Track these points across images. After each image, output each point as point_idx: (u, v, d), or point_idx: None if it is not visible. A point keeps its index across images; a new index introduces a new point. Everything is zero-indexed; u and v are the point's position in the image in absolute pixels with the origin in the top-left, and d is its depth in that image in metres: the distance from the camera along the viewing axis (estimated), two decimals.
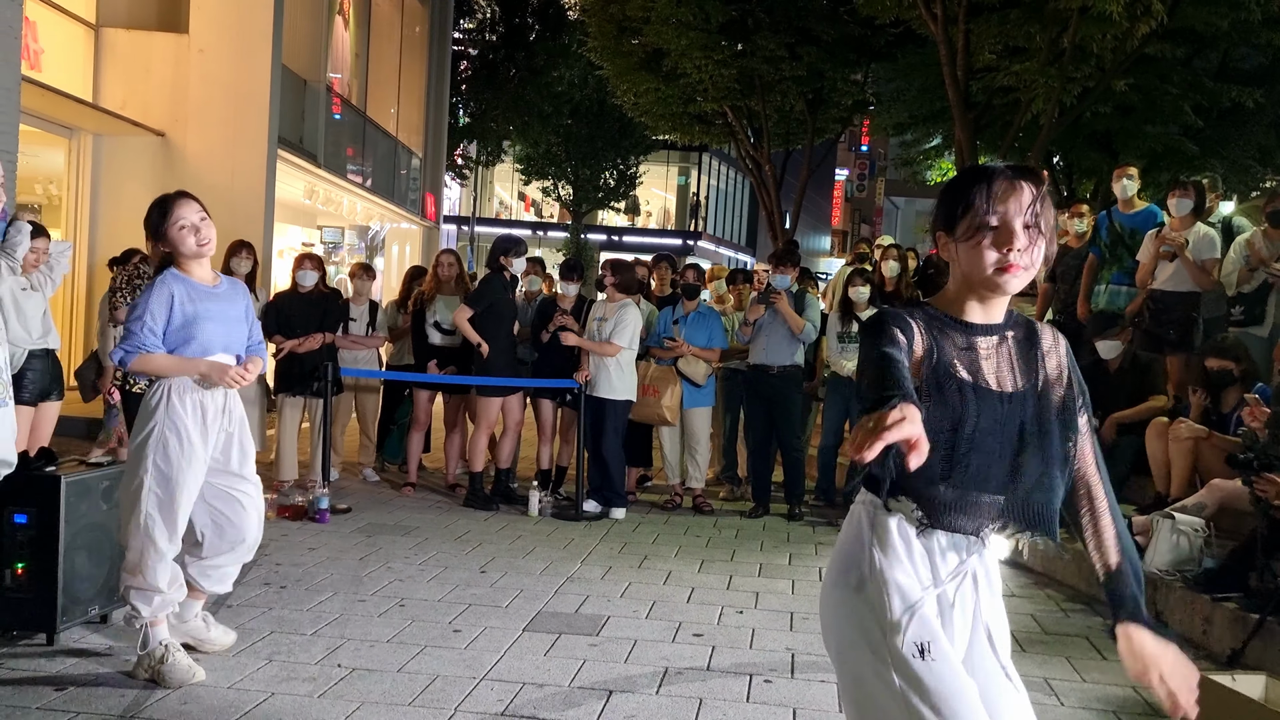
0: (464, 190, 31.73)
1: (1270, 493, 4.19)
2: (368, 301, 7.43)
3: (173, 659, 3.39)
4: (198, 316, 3.46)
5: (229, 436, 3.58)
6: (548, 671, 3.72)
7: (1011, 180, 1.80)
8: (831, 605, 1.87)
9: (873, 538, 1.82)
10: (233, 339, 3.57)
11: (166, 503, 3.40)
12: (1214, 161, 13.40)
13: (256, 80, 10.39)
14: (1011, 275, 1.79)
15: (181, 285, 3.48)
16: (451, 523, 6.15)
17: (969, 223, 1.80)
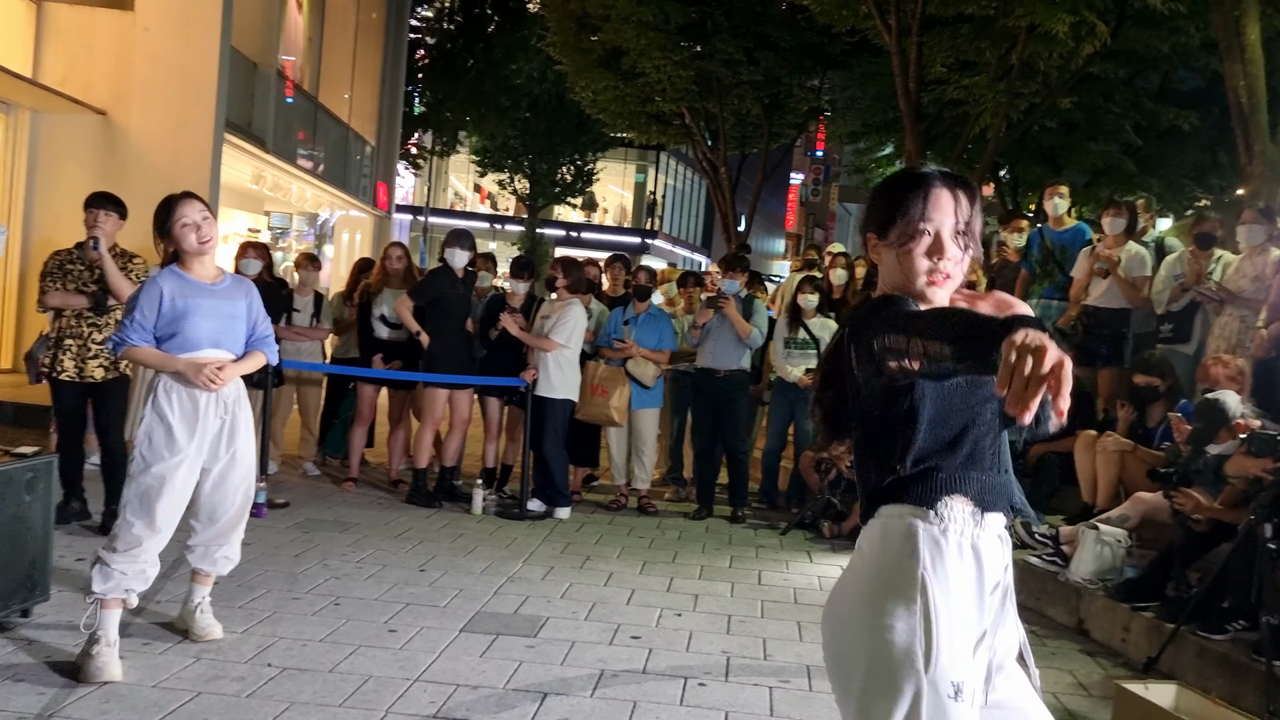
0: (418, 180, 31.44)
1: (1187, 506, 4.34)
2: (313, 292, 7.34)
3: (98, 652, 3.38)
4: (187, 312, 3.58)
5: (222, 422, 3.68)
6: (483, 673, 3.73)
7: (946, 189, 1.79)
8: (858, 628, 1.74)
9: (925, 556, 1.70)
10: (225, 335, 3.67)
11: (146, 492, 3.50)
12: (1151, 180, 13.79)
13: (204, 61, 10.19)
14: (939, 287, 1.79)
15: (174, 281, 3.62)
16: (392, 520, 6.12)
17: (902, 229, 1.79)
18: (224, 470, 3.71)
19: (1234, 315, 5.64)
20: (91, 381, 5.19)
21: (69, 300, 5.18)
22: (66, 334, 5.21)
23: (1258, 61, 7.76)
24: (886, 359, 1.63)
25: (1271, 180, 7.58)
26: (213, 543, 3.78)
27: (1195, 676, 3.94)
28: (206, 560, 3.81)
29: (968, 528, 1.75)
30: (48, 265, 5.22)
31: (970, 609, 1.72)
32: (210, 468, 3.68)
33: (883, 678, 1.68)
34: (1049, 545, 5.15)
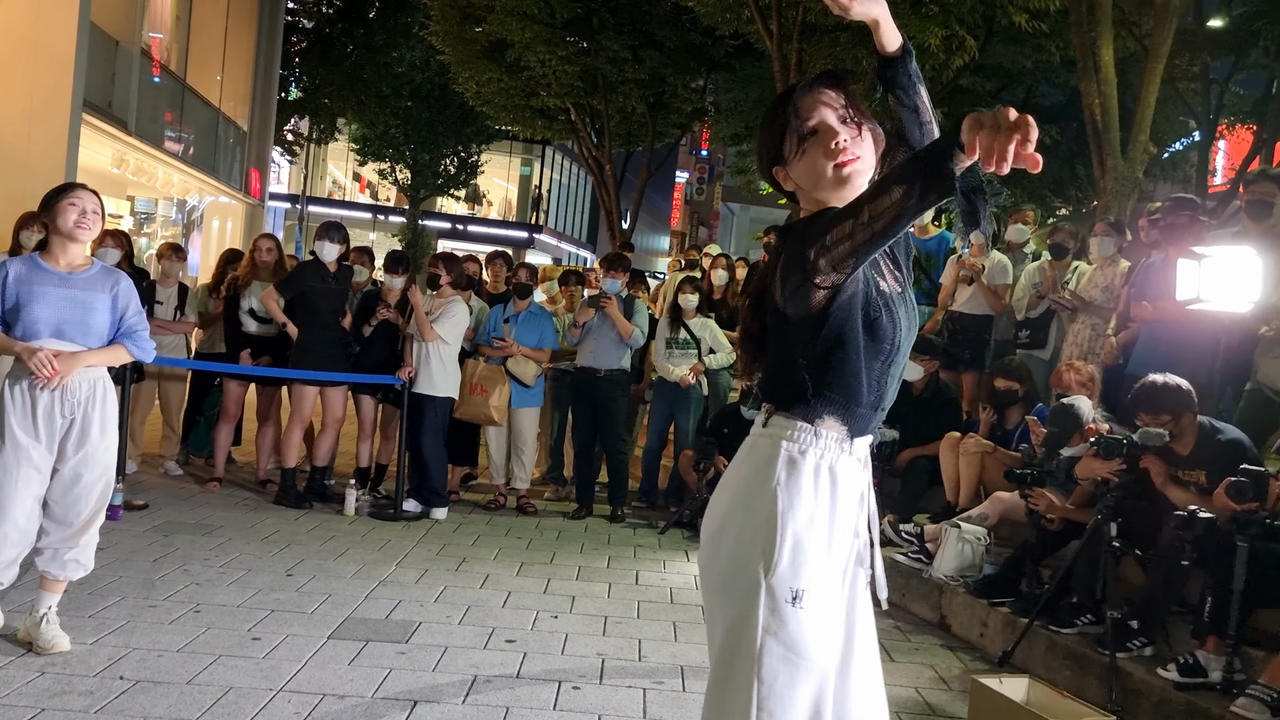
0: (294, 168, 30.43)
1: (1040, 505, 4.56)
2: (177, 284, 7.02)
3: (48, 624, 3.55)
4: (30, 298, 3.53)
5: (71, 421, 3.59)
6: (350, 682, 3.63)
7: (812, 88, 1.87)
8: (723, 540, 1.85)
9: (782, 475, 1.81)
10: (71, 326, 3.57)
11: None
12: (1014, 190, 14.47)
13: (60, 36, 9.61)
14: (851, 165, 1.82)
15: (22, 267, 3.57)
16: (259, 521, 5.90)
17: (791, 142, 1.85)
18: (75, 470, 3.60)
19: (1086, 323, 5.97)
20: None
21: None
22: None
23: (1111, 81, 8.22)
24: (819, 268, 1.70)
25: (1122, 195, 8.06)
26: (62, 545, 3.64)
27: (1046, 669, 4.16)
28: (55, 563, 3.65)
29: (828, 452, 1.84)
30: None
31: (822, 524, 1.81)
32: (60, 467, 3.58)
33: (730, 581, 1.80)
34: (914, 543, 5.34)
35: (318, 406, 6.59)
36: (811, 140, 1.83)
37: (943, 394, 6.20)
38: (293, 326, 6.29)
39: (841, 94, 1.86)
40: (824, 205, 1.83)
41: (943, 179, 1.53)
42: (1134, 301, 5.38)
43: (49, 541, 3.64)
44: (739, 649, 1.79)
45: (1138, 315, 5.35)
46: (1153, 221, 5.59)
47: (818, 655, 1.79)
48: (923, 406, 6.10)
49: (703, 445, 6.80)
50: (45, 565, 3.65)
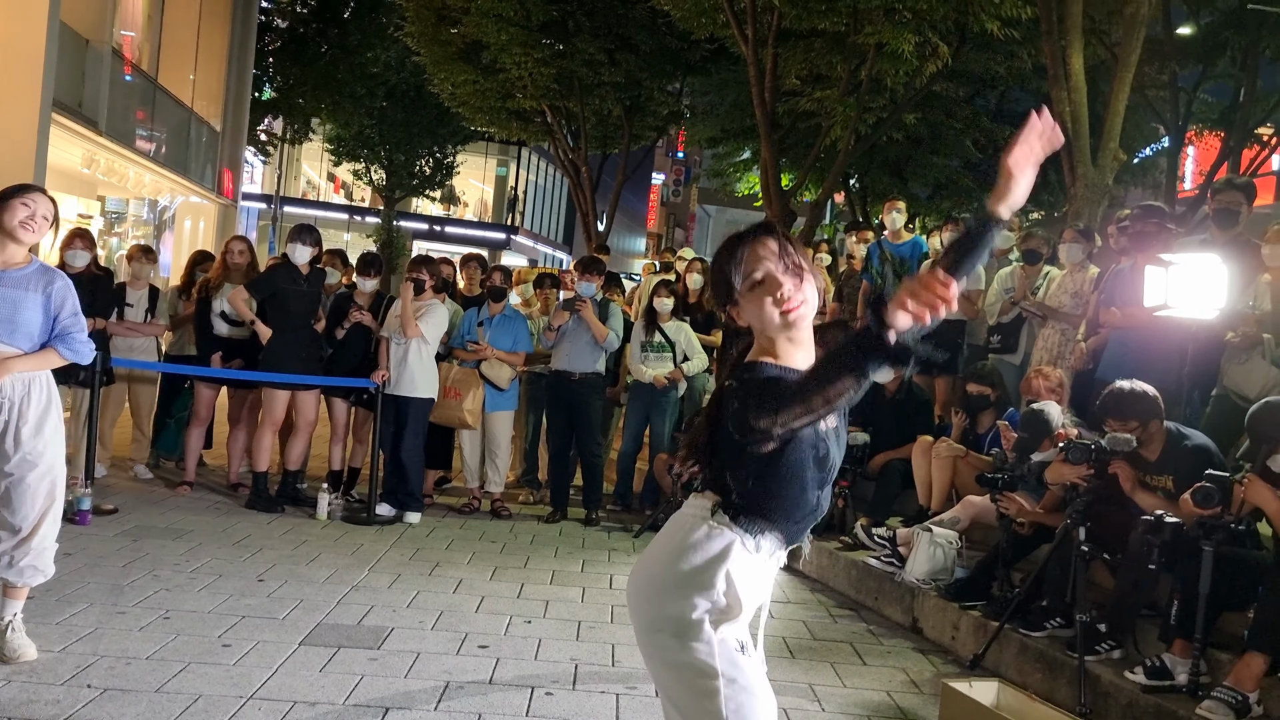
0: (268, 168, 30.18)
1: (1011, 509, 4.61)
2: (147, 286, 6.95)
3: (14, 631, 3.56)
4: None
5: (5, 423, 3.53)
6: (322, 689, 3.61)
7: (756, 238, 2.06)
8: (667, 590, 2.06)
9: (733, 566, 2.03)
10: (12, 322, 3.49)
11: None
12: (988, 194, 14.60)
13: (28, 35, 9.49)
14: (795, 312, 2.02)
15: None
16: (230, 526, 5.85)
17: (742, 288, 2.06)
18: (15, 473, 3.54)
19: (1056, 329, 6.03)
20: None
21: None
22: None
23: (1081, 89, 8.31)
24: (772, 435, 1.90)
25: (1092, 201, 8.15)
26: (15, 552, 3.57)
27: (1017, 672, 4.20)
28: (12, 571, 3.59)
29: (770, 554, 2.10)
30: None
31: (752, 598, 2.09)
32: (16, 472, 3.54)
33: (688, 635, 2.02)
34: (886, 547, 5.38)
35: (290, 410, 6.54)
36: (759, 288, 2.03)
37: (915, 396, 6.24)
38: (262, 326, 6.24)
39: (779, 243, 2.05)
40: (774, 343, 2.04)
41: (888, 358, 1.77)
42: (1103, 308, 5.44)
43: (3, 548, 3.57)
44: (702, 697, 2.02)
45: (1106, 321, 5.41)
46: (1121, 229, 5.66)
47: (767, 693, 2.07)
48: (895, 409, 6.15)
49: (678, 448, 6.82)
50: (3, 572, 3.59)
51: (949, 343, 6.68)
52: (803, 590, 5.64)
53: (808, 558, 5.91)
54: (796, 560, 5.93)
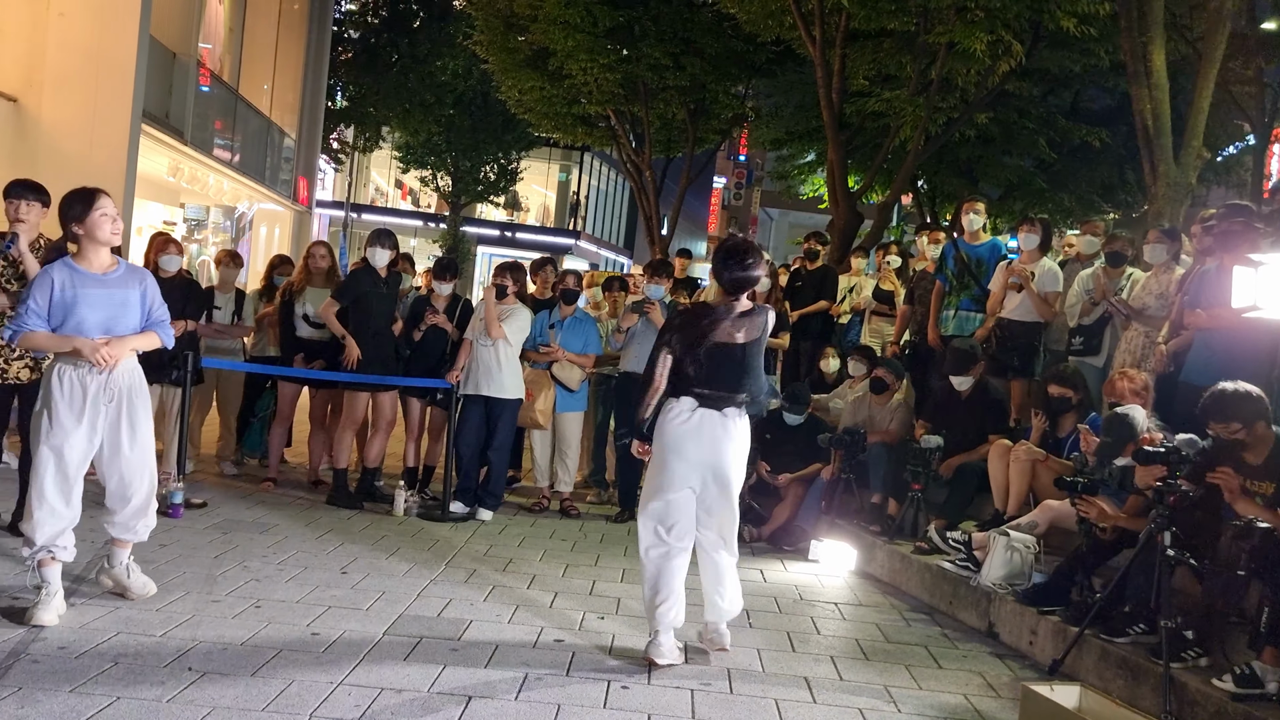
0: (339, 175, 30.86)
1: (1092, 514, 4.54)
2: (234, 289, 7.18)
3: (41, 600, 3.87)
4: (76, 301, 3.90)
5: (117, 410, 4.00)
6: (407, 676, 3.71)
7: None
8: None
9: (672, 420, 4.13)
10: (116, 322, 3.98)
11: (42, 467, 3.89)
12: (1062, 195, 14.32)
13: (121, 49, 9.88)
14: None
15: (64, 272, 3.93)
16: (313, 520, 6.03)
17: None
18: (129, 453, 4.06)
19: (1139, 331, 5.91)
20: (16, 384, 5.00)
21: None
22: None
23: (1163, 86, 8.14)
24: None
25: (1174, 201, 7.97)
26: (131, 517, 4.16)
27: (1098, 678, 4.13)
28: (128, 531, 4.19)
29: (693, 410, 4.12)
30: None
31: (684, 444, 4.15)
32: (113, 450, 4.02)
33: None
34: (961, 551, 5.33)
35: (368, 409, 6.70)
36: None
37: (989, 397, 6.17)
38: (352, 343, 6.36)
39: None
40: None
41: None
42: (1187, 309, 5.32)
43: (120, 517, 4.14)
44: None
45: (1191, 323, 5.30)
46: (1206, 228, 5.53)
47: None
48: (968, 411, 6.09)
49: None
50: (119, 533, 4.19)
51: (1025, 345, 6.59)
52: (875, 594, 5.61)
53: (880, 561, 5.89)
54: None
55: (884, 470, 6.29)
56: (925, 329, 7.41)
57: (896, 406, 6.73)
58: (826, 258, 9.50)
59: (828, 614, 5.15)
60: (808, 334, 8.48)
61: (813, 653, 4.47)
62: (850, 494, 6.53)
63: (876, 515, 6.25)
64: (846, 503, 6.52)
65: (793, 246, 37.41)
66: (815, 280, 8.72)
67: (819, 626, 4.90)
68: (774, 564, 6.11)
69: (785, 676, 4.12)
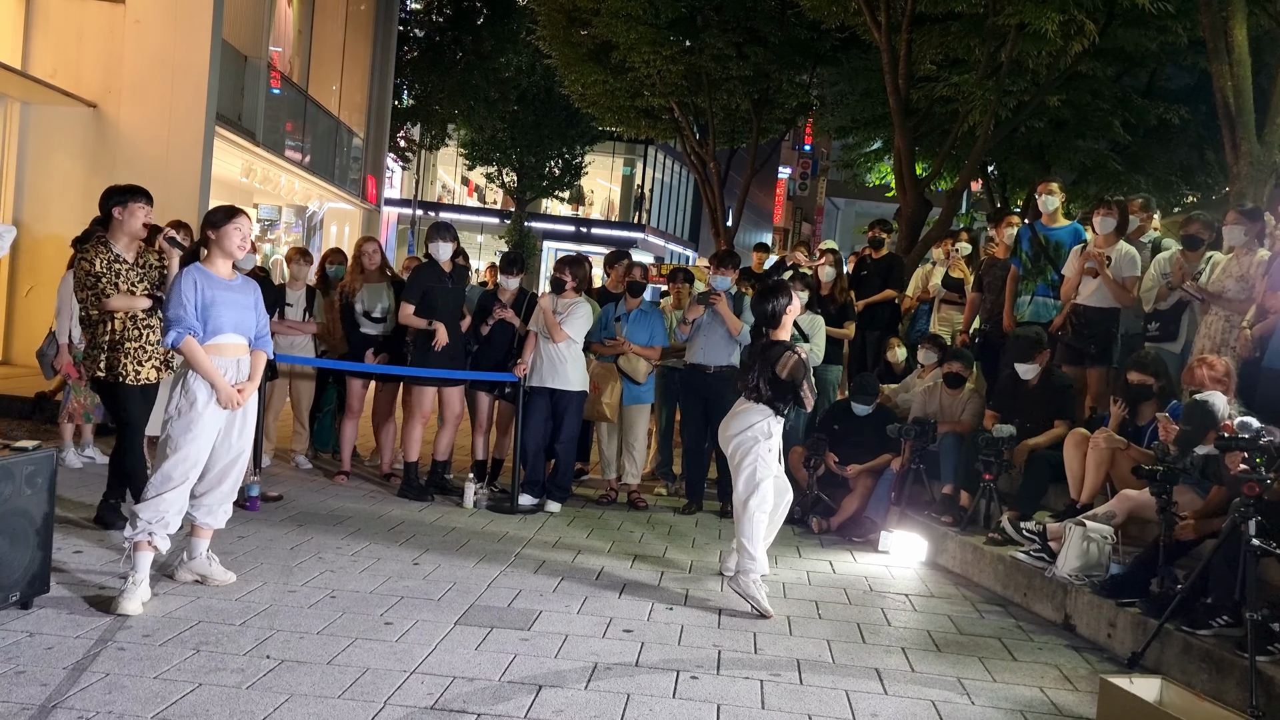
0: (407, 173, 31.35)
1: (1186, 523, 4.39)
2: (304, 287, 7.34)
3: (128, 589, 4.03)
4: (214, 302, 4.26)
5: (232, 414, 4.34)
6: (478, 665, 3.77)
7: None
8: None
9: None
10: (243, 323, 4.38)
11: (183, 459, 4.17)
12: (1139, 177, 13.85)
13: (195, 54, 10.16)
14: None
15: (200, 275, 4.26)
16: (385, 513, 6.15)
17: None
18: (238, 445, 4.40)
19: (1219, 315, 5.70)
20: (148, 384, 5.11)
21: (131, 303, 4.98)
22: (126, 337, 4.98)
23: (1244, 62, 7.83)
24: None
25: (1257, 180, 7.66)
26: (216, 503, 4.43)
27: (1180, 671, 4.02)
28: (211, 516, 4.43)
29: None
30: (94, 265, 4.89)
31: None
32: (224, 439, 4.34)
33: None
34: (1035, 541, 5.22)
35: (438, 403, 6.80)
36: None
37: (1056, 382, 6.03)
38: (441, 327, 6.44)
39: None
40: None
41: None
42: (1271, 292, 5.13)
43: (209, 501, 4.41)
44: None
45: (1274, 307, 5.11)
46: None
47: None
48: (1036, 397, 5.96)
49: (813, 442, 6.78)
50: (204, 517, 4.41)
51: (1102, 332, 6.41)
52: (947, 585, 5.53)
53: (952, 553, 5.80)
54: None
55: (955, 461, 6.19)
56: (996, 315, 7.26)
57: (968, 396, 6.61)
58: (894, 246, 9.36)
59: (898, 605, 5.08)
60: (874, 324, 8.37)
61: (883, 644, 4.42)
62: (920, 485, 6.44)
63: (948, 506, 6.16)
64: (917, 494, 6.43)
65: (860, 236, 36.94)
66: (882, 269, 8.60)
67: (889, 618, 4.84)
68: (843, 555, 6.05)
69: (856, 668, 4.09)
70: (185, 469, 4.19)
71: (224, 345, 4.30)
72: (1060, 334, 6.49)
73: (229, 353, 4.32)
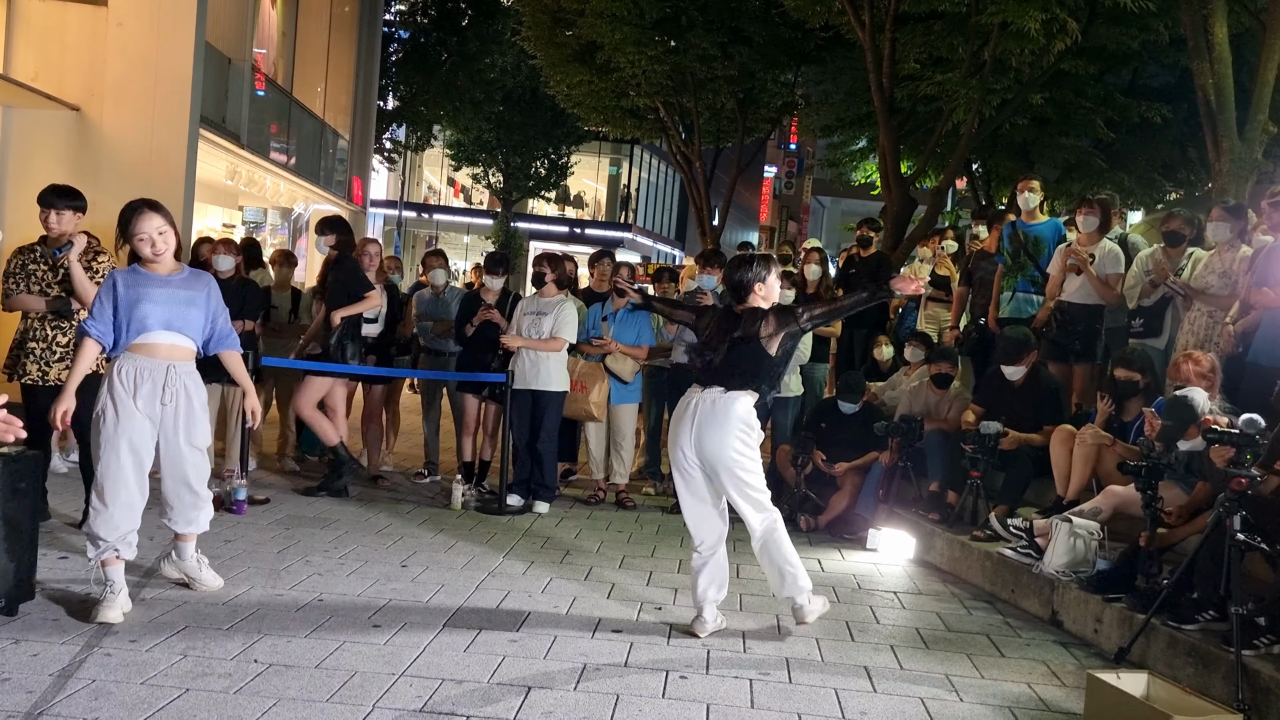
0: (392, 175, 31.28)
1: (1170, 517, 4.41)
2: (290, 289, 7.32)
3: (105, 599, 3.93)
4: (139, 299, 4.02)
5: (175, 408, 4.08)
6: (467, 668, 3.76)
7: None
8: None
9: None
10: (177, 319, 4.09)
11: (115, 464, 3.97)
12: (1122, 175, 13.94)
13: (178, 56, 10.08)
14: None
15: (127, 275, 4.07)
16: (372, 516, 6.13)
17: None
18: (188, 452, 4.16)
19: (1203, 311, 5.74)
20: (58, 385, 5.10)
21: (30, 303, 5.10)
22: (30, 337, 5.13)
23: (1225, 60, 7.89)
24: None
25: (1239, 177, 7.73)
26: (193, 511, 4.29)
27: (1166, 666, 4.04)
28: (192, 525, 4.33)
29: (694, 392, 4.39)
30: (10, 264, 5.12)
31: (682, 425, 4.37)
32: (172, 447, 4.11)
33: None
34: (1023, 538, 5.24)
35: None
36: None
37: (1043, 383, 6.05)
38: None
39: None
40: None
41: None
42: (1255, 288, 5.16)
43: (179, 512, 4.26)
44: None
45: (1259, 302, 5.14)
46: (1274, 204, 5.36)
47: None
48: (1023, 396, 5.98)
49: (800, 440, 6.79)
50: (183, 526, 4.31)
51: (1086, 329, 6.45)
52: (934, 582, 5.55)
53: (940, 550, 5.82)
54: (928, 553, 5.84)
55: (942, 458, 6.21)
56: (985, 312, 7.29)
57: (955, 395, 6.64)
58: (880, 244, 9.38)
59: (887, 603, 5.10)
60: (862, 322, 8.39)
61: (872, 642, 4.44)
62: (908, 482, 6.46)
63: (935, 503, 6.18)
64: (904, 491, 6.45)
65: (845, 234, 37.00)
66: (869, 267, 8.62)
67: (878, 615, 4.86)
68: (831, 553, 6.06)
69: (845, 665, 4.09)
70: (113, 478, 3.96)
71: (153, 345, 4.03)
72: (1045, 330, 6.52)
73: (160, 354, 4.04)
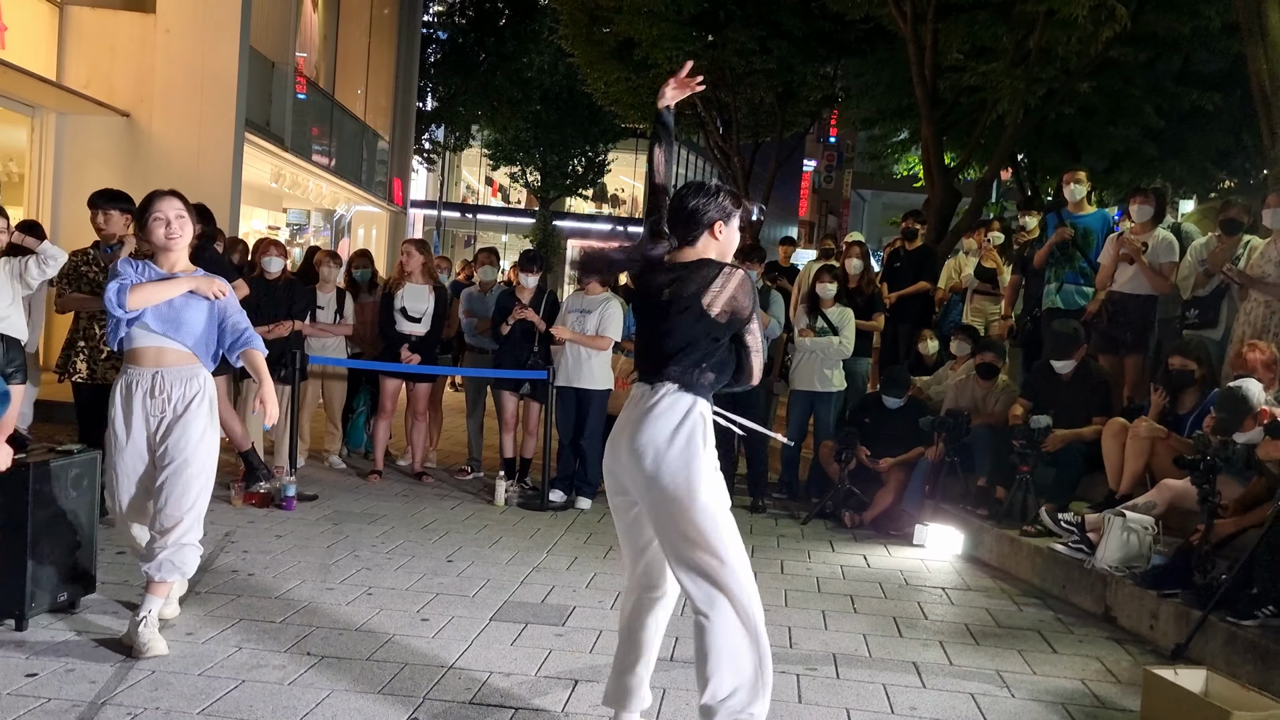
0: (431, 175, 31.52)
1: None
2: (334, 288, 7.40)
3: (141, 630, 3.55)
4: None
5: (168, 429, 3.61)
6: (515, 661, 3.78)
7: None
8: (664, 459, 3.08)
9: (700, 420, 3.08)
10: (175, 321, 3.62)
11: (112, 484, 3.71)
12: (1173, 163, 13.64)
13: (224, 62, 10.28)
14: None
15: (138, 264, 3.65)
16: (418, 511, 6.18)
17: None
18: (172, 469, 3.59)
19: (1259, 300, 5.61)
20: (106, 384, 5.16)
21: (84, 303, 5.20)
22: (78, 336, 5.25)
23: (1279, 45, 7.68)
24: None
25: None
26: (157, 546, 3.60)
27: (1224, 663, 3.95)
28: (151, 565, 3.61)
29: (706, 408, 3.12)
30: (64, 266, 5.22)
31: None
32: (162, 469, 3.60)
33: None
34: (1074, 533, 5.16)
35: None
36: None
37: (1093, 376, 5.95)
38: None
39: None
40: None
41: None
42: None
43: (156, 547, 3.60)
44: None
45: None
46: None
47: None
48: (1072, 390, 5.88)
49: (844, 435, 6.74)
50: (153, 570, 3.60)
51: (1138, 319, 6.32)
52: (984, 578, 5.48)
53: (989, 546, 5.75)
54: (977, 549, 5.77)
55: (990, 453, 6.13)
56: (1039, 302, 7.16)
57: (1001, 388, 6.55)
58: (924, 238, 9.28)
59: (935, 599, 5.05)
60: (906, 316, 8.31)
61: (920, 637, 4.39)
62: (955, 477, 6.39)
63: (983, 499, 6.10)
64: (951, 486, 6.38)
65: (887, 228, 36.65)
66: (915, 261, 8.54)
67: (926, 611, 4.81)
68: (877, 549, 6.01)
69: (893, 661, 4.06)
70: (120, 495, 3.67)
71: (141, 350, 3.62)
72: (1095, 322, 6.40)
73: (146, 361, 3.61)
